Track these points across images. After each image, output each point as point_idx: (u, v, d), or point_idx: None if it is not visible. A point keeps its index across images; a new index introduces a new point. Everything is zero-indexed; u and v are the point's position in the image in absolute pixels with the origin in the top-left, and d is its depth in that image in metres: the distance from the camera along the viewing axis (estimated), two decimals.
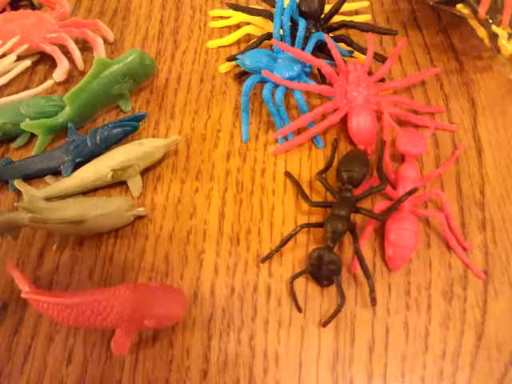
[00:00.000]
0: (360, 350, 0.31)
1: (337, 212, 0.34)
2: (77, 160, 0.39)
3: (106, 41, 0.48)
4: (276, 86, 0.39)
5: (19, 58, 0.45)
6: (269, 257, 0.35)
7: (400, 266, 0.34)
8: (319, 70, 0.41)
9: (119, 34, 0.50)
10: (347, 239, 0.35)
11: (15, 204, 0.38)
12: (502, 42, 0.40)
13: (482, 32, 0.41)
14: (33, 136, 0.42)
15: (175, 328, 0.33)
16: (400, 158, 0.39)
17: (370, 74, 0.41)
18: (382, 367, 0.31)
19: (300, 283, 0.34)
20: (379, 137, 0.40)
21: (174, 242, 0.36)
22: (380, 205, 0.35)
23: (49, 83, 0.44)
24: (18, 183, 0.38)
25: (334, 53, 0.39)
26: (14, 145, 0.42)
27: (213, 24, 0.49)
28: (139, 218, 0.37)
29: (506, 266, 0.34)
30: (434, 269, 0.34)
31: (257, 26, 0.46)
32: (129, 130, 0.39)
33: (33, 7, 0.52)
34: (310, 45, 0.40)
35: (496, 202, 0.37)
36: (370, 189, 0.35)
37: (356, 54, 0.43)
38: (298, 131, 0.40)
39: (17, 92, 0.44)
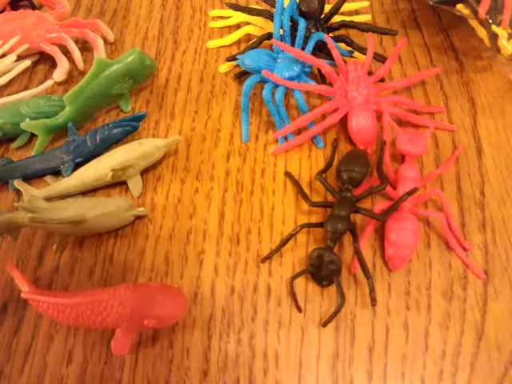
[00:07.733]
0: (360, 350, 0.31)
1: (337, 212, 0.34)
2: (77, 160, 0.39)
3: (106, 41, 0.48)
4: (276, 86, 0.39)
5: (19, 58, 0.45)
6: (269, 257, 0.35)
7: (400, 266, 0.34)
8: (319, 70, 0.41)
9: (119, 34, 0.50)
10: (347, 239, 0.35)
11: (15, 204, 0.38)
12: (502, 41, 0.40)
13: (481, 32, 0.41)
14: (33, 136, 0.42)
15: (175, 328, 0.33)
16: (400, 158, 0.39)
17: (370, 73, 0.41)
18: (382, 367, 0.31)
19: (300, 283, 0.34)
20: (379, 137, 0.40)
21: (173, 242, 0.36)
22: (380, 205, 0.35)
23: (49, 83, 0.44)
24: (17, 183, 0.38)
25: (334, 53, 0.39)
26: (13, 145, 0.42)
27: (213, 24, 0.49)
28: (139, 217, 0.37)
29: (505, 266, 0.34)
30: (434, 269, 0.34)
31: (257, 26, 0.46)
32: (129, 129, 0.39)
33: (33, 7, 0.52)
34: (310, 45, 0.40)
35: (496, 201, 0.37)
36: (370, 189, 0.35)
37: (356, 54, 0.43)
38: (298, 131, 0.40)
39: (17, 92, 0.44)
